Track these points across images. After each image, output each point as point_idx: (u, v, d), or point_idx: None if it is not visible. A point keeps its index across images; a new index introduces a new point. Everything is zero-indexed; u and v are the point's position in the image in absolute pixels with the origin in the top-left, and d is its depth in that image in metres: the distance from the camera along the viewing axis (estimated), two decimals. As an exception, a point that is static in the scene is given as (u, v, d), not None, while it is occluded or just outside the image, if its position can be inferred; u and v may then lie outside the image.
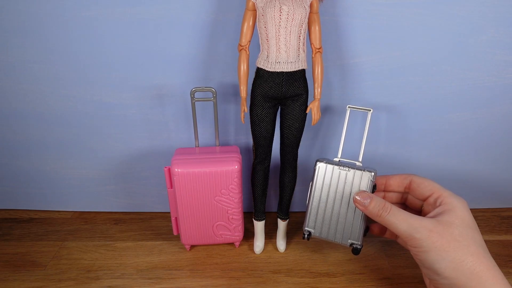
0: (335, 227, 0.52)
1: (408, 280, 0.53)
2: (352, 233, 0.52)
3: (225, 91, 0.55)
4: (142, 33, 0.51)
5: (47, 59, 0.53)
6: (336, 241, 0.53)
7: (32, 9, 0.50)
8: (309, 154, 0.61)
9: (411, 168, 0.62)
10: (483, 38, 0.52)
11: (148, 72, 0.54)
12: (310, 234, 0.53)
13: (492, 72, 0.54)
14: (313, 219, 0.52)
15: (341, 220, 0.52)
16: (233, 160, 0.52)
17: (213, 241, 0.57)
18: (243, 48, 0.46)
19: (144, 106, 0.56)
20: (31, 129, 0.58)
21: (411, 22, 0.51)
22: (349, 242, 0.52)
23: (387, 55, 0.53)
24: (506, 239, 0.60)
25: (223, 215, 0.55)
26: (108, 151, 0.60)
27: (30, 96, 0.56)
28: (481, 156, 0.61)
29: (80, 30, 0.51)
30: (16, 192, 0.65)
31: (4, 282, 0.52)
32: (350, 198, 0.51)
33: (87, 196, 0.65)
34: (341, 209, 0.51)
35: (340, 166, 0.50)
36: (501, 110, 0.57)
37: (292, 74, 0.46)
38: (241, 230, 0.57)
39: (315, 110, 0.48)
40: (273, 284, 0.52)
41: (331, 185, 0.51)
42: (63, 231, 0.62)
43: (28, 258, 0.56)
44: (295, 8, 0.43)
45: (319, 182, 0.51)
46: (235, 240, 0.57)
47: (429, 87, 0.55)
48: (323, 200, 0.52)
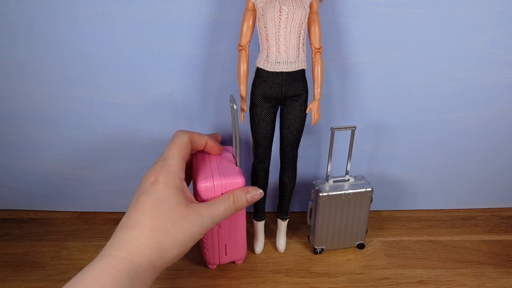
0: (344, 236, 0.56)
1: (408, 280, 0.53)
2: (358, 235, 0.57)
3: (224, 91, 0.55)
4: (142, 33, 0.51)
5: (47, 60, 0.53)
6: (345, 246, 0.58)
7: (32, 9, 0.50)
8: (309, 154, 0.61)
9: (411, 167, 0.62)
10: (483, 38, 0.52)
11: (148, 73, 0.54)
12: (323, 249, 0.57)
13: (492, 72, 0.54)
14: (323, 237, 0.56)
15: (347, 228, 0.56)
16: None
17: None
18: (243, 48, 0.46)
19: (143, 106, 0.56)
20: (31, 129, 0.58)
21: (411, 22, 0.51)
22: (356, 243, 0.58)
23: (387, 55, 0.53)
24: (506, 239, 0.60)
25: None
26: (108, 151, 0.60)
27: (30, 96, 0.56)
28: (480, 156, 0.61)
29: (79, 31, 0.51)
30: (16, 192, 0.64)
31: (4, 282, 0.52)
32: (352, 209, 0.54)
33: (87, 196, 0.65)
34: (347, 221, 0.55)
35: (341, 191, 0.53)
36: (501, 110, 0.57)
37: (292, 74, 0.46)
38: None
39: (315, 110, 0.48)
40: (273, 284, 0.52)
41: (336, 208, 0.54)
42: (63, 231, 0.62)
43: (27, 258, 0.56)
44: (295, 8, 0.43)
45: (324, 211, 0.54)
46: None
47: (428, 87, 0.55)
48: (330, 219, 0.55)
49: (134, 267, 0.36)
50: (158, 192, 0.40)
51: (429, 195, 0.65)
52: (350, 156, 0.54)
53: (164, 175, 0.42)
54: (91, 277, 0.35)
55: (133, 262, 0.36)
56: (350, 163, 0.55)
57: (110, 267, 0.35)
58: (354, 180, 0.55)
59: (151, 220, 0.39)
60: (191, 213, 0.41)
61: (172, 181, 0.41)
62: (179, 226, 0.40)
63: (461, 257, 0.57)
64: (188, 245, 0.41)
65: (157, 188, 0.41)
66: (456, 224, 0.63)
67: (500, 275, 0.54)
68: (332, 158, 0.54)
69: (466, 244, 0.59)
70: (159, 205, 0.40)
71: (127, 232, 0.38)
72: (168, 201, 0.40)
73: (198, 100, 0.56)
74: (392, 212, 0.66)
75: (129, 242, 0.37)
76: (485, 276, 0.54)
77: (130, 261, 0.36)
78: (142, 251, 0.37)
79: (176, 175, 0.42)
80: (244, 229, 0.53)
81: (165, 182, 0.41)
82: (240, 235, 0.53)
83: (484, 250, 0.58)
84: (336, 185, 0.54)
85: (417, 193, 0.65)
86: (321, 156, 0.61)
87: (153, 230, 0.38)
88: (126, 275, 0.35)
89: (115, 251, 0.37)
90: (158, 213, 0.39)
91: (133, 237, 0.38)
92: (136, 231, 0.38)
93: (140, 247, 0.37)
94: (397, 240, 0.60)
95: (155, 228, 0.38)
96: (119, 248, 0.37)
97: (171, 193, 0.41)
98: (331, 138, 0.52)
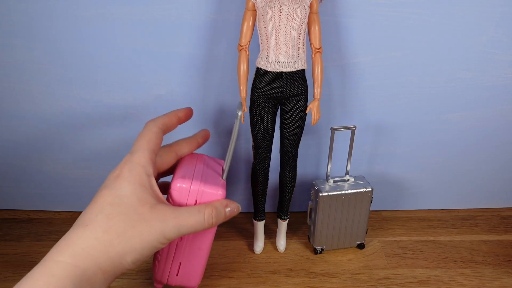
0: (344, 236, 0.56)
1: (408, 280, 0.53)
2: (358, 235, 0.57)
3: (224, 91, 0.55)
4: (142, 33, 0.51)
5: (47, 60, 0.53)
6: (345, 246, 0.58)
7: (32, 9, 0.50)
8: (309, 154, 0.61)
9: (411, 167, 0.62)
10: (483, 38, 0.52)
11: (148, 73, 0.54)
12: (323, 249, 0.57)
13: (492, 72, 0.54)
14: (323, 237, 0.56)
15: (347, 228, 0.56)
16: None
17: None
18: (243, 48, 0.46)
19: (143, 106, 0.56)
20: (31, 129, 0.58)
21: (411, 22, 0.51)
22: (356, 243, 0.58)
23: (386, 55, 0.53)
24: (506, 239, 0.60)
25: None
26: (108, 151, 0.60)
27: (30, 96, 0.56)
28: (480, 156, 0.61)
29: (79, 31, 0.51)
30: (15, 192, 0.64)
31: (3, 282, 0.52)
32: (352, 209, 0.54)
33: (87, 196, 0.64)
34: (347, 221, 0.55)
35: (341, 191, 0.53)
36: (501, 110, 0.57)
37: (292, 74, 0.46)
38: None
39: (315, 110, 0.48)
40: (273, 284, 0.52)
41: (336, 208, 0.54)
42: (63, 231, 0.61)
43: (27, 258, 0.56)
44: (294, 8, 0.43)
45: (324, 211, 0.54)
46: None
47: (429, 87, 0.55)
48: (330, 219, 0.55)
49: (79, 271, 0.32)
50: (120, 187, 0.36)
51: (429, 195, 0.65)
52: (350, 156, 0.54)
53: (128, 169, 0.37)
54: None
55: (77, 266, 0.33)
56: (350, 163, 0.55)
57: (50, 275, 0.32)
58: (354, 180, 0.55)
59: (106, 220, 0.35)
60: (155, 217, 0.36)
61: (137, 176, 0.37)
62: (138, 230, 0.35)
63: (461, 257, 0.57)
64: (145, 254, 0.36)
65: (119, 183, 0.36)
66: (456, 224, 0.63)
67: (500, 275, 0.54)
68: (332, 158, 0.54)
69: (466, 244, 0.59)
70: (119, 202, 0.35)
71: (77, 231, 0.35)
72: (129, 198, 0.36)
73: (198, 100, 0.56)
74: (392, 212, 0.66)
75: (75, 243, 0.34)
76: (485, 276, 0.54)
77: (73, 265, 0.32)
78: (89, 254, 0.33)
79: (142, 170, 0.37)
80: (207, 253, 0.44)
81: (129, 176, 0.36)
82: (201, 257, 0.44)
83: (484, 250, 0.58)
84: (336, 185, 0.54)
85: (417, 193, 0.65)
86: (321, 156, 0.61)
87: (106, 232, 0.34)
88: (70, 281, 0.32)
89: (57, 256, 0.33)
90: (116, 212, 0.35)
91: (82, 238, 0.34)
92: (87, 230, 0.34)
93: (87, 249, 0.33)
94: (397, 240, 0.60)
95: (109, 230, 0.34)
96: (62, 251, 0.33)
97: (135, 190, 0.36)
98: (331, 138, 0.52)
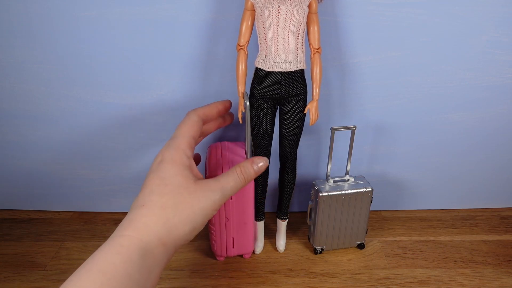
0: (344, 236, 0.56)
1: (408, 280, 0.53)
2: (358, 235, 0.57)
3: (224, 91, 0.55)
4: (142, 33, 0.51)
5: (47, 60, 0.53)
6: (345, 246, 0.58)
7: (32, 9, 0.50)
8: (309, 154, 0.61)
9: (411, 167, 0.62)
10: (483, 38, 0.52)
11: (148, 72, 0.54)
12: (323, 249, 0.57)
13: (492, 72, 0.54)
14: (323, 237, 0.56)
15: (347, 228, 0.56)
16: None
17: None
18: (242, 48, 0.46)
19: (143, 106, 0.56)
20: (31, 129, 0.58)
21: (411, 22, 0.51)
22: (356, 243, 0.58)
23: (386, 55, 0.53)
24: (506, 239, 0.60)
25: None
26: (107, 151, 0.60)
27: (30, 96, 0.56)
28: (480, 156, 0.61)
29: (79, 31, 0.51)
30: (15, 192, 0.65)
31: (4, 282, 0.52)
32: (352, 209, 0.54)
33: (87, 196, 0.65)
34: (347, 221, 0.55)
35: (341, 191, 0.53)
36: (501, 110, 0.57)
37: (291, 74, 0.46)
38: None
39: (313, 111, 0.48)
40: (273, 284, 0.52)
41: (336, 208, 0.54)
42: (63, 231, 0.62)
43: (27, 258, 0.56)
44: (293, 8, 0.43)
45: (324, 211, 0.54)
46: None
47: (428, 87, 0.55)
48: (330, 219, 0.55)
49: (143, 244, 0.36)
50: (164, 170, 0.40)
51: (429, 195, 0.65)
52: (350, 156, 0.54)
53: (170, 153, 0.41)
54: (100, 257, 0.35)
55: (141, 239, 0.36)
56: (350, 163, 0.55)
57: (119, 246, 0.36)
58: (354, 180, 0.55)
59: (159, 197, 0.39)
60: (200, 188, 0.40)
61: (178, 158, 0.41)
62: (188, 202, 0.39)
63: (461, 257, 0.57)
64: (199, 221, 0.40)
65: (163, 167, 0.41)
66: (456, 224, 0.63)
67: (500, 275, 0.54)
68: (332, 158, 0.54)
69: (466, 244, 0.59)
70: (166, 182, 0.39)
71: (136, 212, 0.38)
72: (175, 178, 0.40)
73: (198, 100, 0.56)
74: (392, 212, 0.66)
75: (137, 220, 0.37)
76: (485, 276, 0.54)
77: (138, 239, 0.36)
78: (150, 228, 0.37)
79: (183, 153, 0.42)
80: (252, 224, 0.54)
81: (171, 159, 0.41)
82: (248, 229, 0.54)
83: (484, 250, 0.58)
84: (336, 185, 0.54)
85: (417, 193, 0.65)
86: (321, 156, 0.61)
87: (161, 208, 0.38)
88: (136, 253, 0.35)
89: (123, 231, 0.37)
90: (166, 191, 0.39)
91: (141, 216, 0.38)
92: (145, 209, 0.38)
93: (148, 224, 0.37)
94: (397, 240, 0.60)
95: (164, 206, 0.38)
96: (126, 228, 0.37)
97: (178, 170, 0.40)
98: (331, 138, 0.52)
